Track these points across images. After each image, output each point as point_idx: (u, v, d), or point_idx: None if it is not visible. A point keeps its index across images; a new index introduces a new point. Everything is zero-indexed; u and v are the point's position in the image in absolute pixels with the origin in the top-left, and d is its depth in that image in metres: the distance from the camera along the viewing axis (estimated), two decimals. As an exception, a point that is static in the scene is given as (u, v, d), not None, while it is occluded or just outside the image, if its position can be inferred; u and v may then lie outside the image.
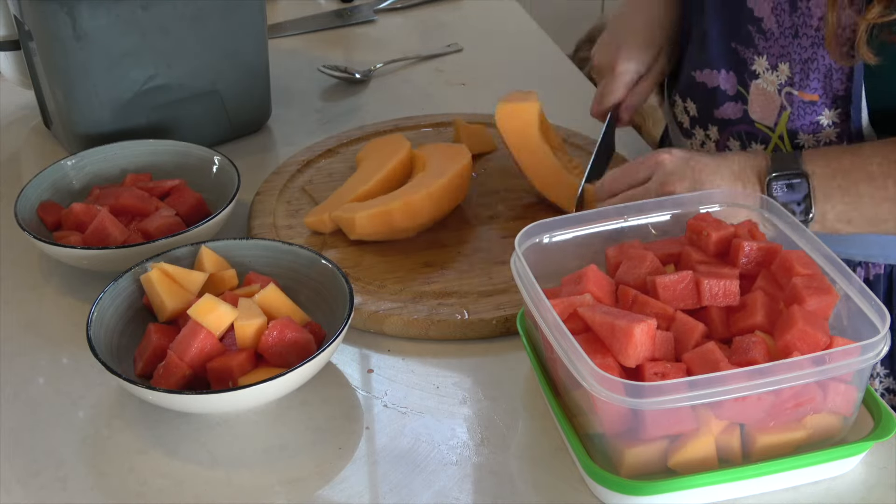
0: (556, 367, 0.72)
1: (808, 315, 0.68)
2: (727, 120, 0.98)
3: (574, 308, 0.71)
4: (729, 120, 0.98)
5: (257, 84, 1.16)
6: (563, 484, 0.72)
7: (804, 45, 0.88)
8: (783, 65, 0.90)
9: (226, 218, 0.95)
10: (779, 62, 0.91)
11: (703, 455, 0.67)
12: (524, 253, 0.77)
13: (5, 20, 1.15)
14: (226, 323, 0.77)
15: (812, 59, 0.88)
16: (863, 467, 0.72)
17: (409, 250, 0.96)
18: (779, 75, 0.91)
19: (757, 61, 0.93)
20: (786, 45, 0.90)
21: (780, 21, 0.89)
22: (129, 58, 1.04)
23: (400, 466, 0.74)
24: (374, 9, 1.53)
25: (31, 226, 0.93)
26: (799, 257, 0.73)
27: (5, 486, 0.73)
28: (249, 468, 0.74)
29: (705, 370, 0.65)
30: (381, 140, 1.08)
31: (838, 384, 0.68)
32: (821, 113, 0.90)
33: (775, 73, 0.91)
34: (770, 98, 0.93)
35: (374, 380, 0.83)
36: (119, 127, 1.07)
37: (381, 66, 1.35)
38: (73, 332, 0.87)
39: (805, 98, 0.90)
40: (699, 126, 1.02)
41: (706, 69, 0.99)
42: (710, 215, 0.80)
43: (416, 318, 0.86)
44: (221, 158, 1.02)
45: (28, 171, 1.13)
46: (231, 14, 1.09)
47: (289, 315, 0.79)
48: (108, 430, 0.78)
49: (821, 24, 0.87)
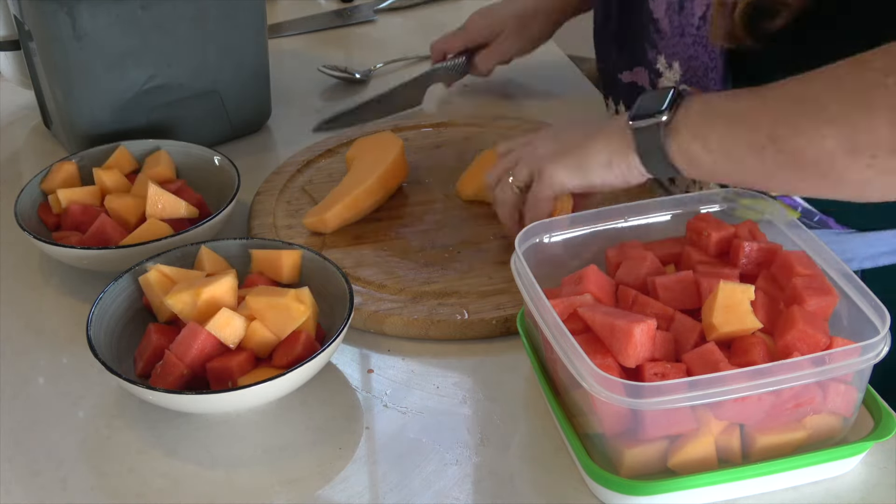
0: (556, 367, 0.72)
1: (808, 315, 0.68)
2: None
3: (574, 308, 0.71)
4: None
5: (257, 84, 1.16)
6: (563, 484, 0.72)
7: (687, 44, 0.90)
8: (675, 63, 0.92)
9: (226, 218, 0.95)
10: (672, 60, 0.93)
11: (703, 455, 0.67)
12: (524, 253, 0.77)
13: (5, 20, 1.15)
14: (241, 335, 0.77)
15: (694, 57, 0.90)
16: (863, 467, 0.72)
17: (409, 250, 0.96)
18: (674, 73, 0.93)
19: (659, 60, 0.95)
20: (675, 44, 0.92)
21: (671, 21, 0.91)
22: (129, 58, 1.04)
23: (400, 466, 0.74)
24: (374, 9, 1.53)
25: (31, 226, 0.93)
26: (799, 257, 0.73)
27: (5, 486, 0.73)
28: (249, 468, 0.74)
29: (705, 370, 0.65)
30: (371, 138, 1.08)
31: (838, 385, 0.68)
32: None
33: (671, 70, 0.93)
34: None
35: (374, 380, 0.83)
36: (119, 127, 1.07)
37: (381, 66, 1.35)
38: (73, 332, 0.87)
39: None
40: None
41: (634, 68, 1.01)
42: (710, 215, 0.80)
43: (416, 318, 0.86)
44: (221, 158, 1.02)
45: (28, 171, 1.13)
46: (231, 14, 1.09)
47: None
48: (108, 430, 0.78)
49: (700, 23, 0.88)
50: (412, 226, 1.00)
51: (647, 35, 0.96)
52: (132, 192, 0.97)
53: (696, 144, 0.76)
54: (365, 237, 0.98)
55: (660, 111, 0.78)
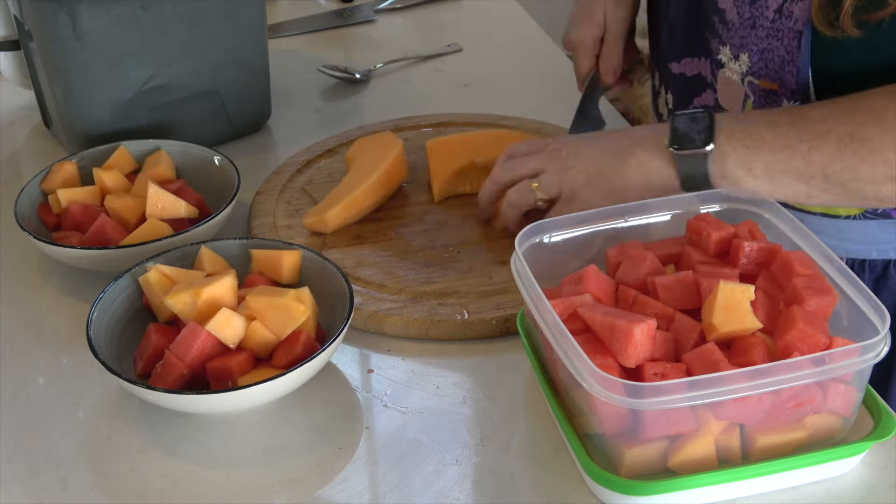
0: (556, 367, 0.72)
1: (808, 315, 0.68)
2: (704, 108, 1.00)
3: (574, 308, 0.71)
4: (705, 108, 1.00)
5: (257, 84, 1.16)
6: (563, 484, 0.72)
7: (760, 36, 0.90)
8: (744, 55, 0.92)
9: (226, 218, 0.95)
10: (740, 52, 0.93)
11: (703, 455, 0.67)
12: (524, 253, 0.77)
13: (5, 20, 1.15)
14: (241, 335, 0.77)
15: (768, 50, 0.90)
16: (863, 467, 0.72)
17: (409, 250, 0.96)
18: (741, 65, 0.93)
19: (722, 51, 0.95)
20: (745, 36, 0.92)
21: (740, 12, 0.91)
22: (129, 58, 1.04)
23: (400, 466, 0.74)
24: (374, 9, 1.53)
25: (31, 226, 0.93)
26: (799, 257, 0.73)
27: (5, 486, 0.73)
28: (249, 468, 0.74)
29: (705, 370, 0.65)
30: (371, 138, 1.08)
31: (838, 385, 0.68)
32: (780, 103, 0.92)
33: (737, 62, 0.93)
34: (735, 87, 0.95)
35: (374, 380, 0.83)
36: (119, 127, 1.07)
37: (381, 66, 1.35)
38: (73, 332, 0.87)
39: (765, 86, 0.92)
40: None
41: (685, 58, 1.01)
42: (710, 215, 0.80)
43: (416, 318, 0.86)
44: (221, 158, 1.02)
45: (28, 171, 1.13)
46: (231, 14, 1.09)
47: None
48: (108, 430, 0.78)
49: (775, 17, 0.88)
50: (412, 226, 1.00)
51: (709, 25, 0.95)
52: (132, 192, 0.97)
53: (741, 171, 0.82)
54: (365, 237, 0.98)
55: (703, 140, 0.82)
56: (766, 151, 0.81)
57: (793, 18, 0.87)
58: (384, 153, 1.03)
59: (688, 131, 0.82)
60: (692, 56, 0.99)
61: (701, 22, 0.97)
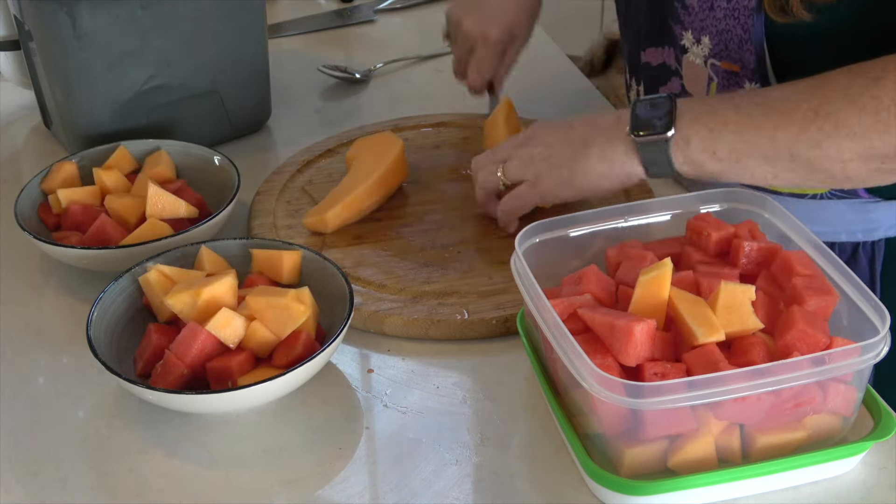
0: (556, 367, 0.72)
1: (808, 315, 0.68)
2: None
3: (574, 308, 0.71)
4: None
5: (257, 84, 1.16)
6: (563, 484, 0.72)
7: (718, 17, 0.91)
8: (704, 38, 0.93)
9: (226, 218, 0.95)
10: (701, 35, 0.93)
11: (703, 455, 0.67)
12: (524, 253, 0.77)
13: (5, 20, 1.15)
14: (241, 335, 0.77)
15: (726, 31, 0.91)
16: (863, 467, 0.72)
17: (409, 250, 0.96)
18: (702, 48, 0.93)
19: (685, 35, 0.95)
20: (704, 19, 0.92)
21: None
22: (129, 58, 1.04)
23: (400, 466, 0.74)
24: (374, 9, 1.53)
25: (31, 226, 0.93)
26: (799, 257, 0.73)
27: (5, 486, 0.73)
28: (249, 468, 0.74)
29: (705, 370, 0.65)
30: (371, 138, 1.08)
31: (838, 384, 0.68)
32: (742, 84, 0.92)
33: (699, 45, 0.94)
34: (699, 71, 0.96)
35: (374, 380, 0.83)
36: (119, 127, 1.07)
37: (381, 66, 1.35)
38: (73, 332, 0.87)
39: (727, 68, 0.93)
40: None
41: (650, 48, 1.02)
42: (710, 215, 0.80)
43: (416, 318, 0.86)
44: (221, 158, 1.02)
45: (28, 171, 1.13)
46: (231, 14, 1.09)
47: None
48: (108, 430, 0.78)
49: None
50: (412, 226, 1.00)
51: (671, 11, 0.96)
52: (132, 192, 0.97)
53: (705, 155, 0.80)
54: (365, 237, 0.98)
55: (664, 125, 0.81)
56: (731, 133, 0.79)
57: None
58: (384, 153, 1.03)
59: (649, 117, 0.82)
60: (657, 45, 1.01)
61: (663, 10, 0.97)
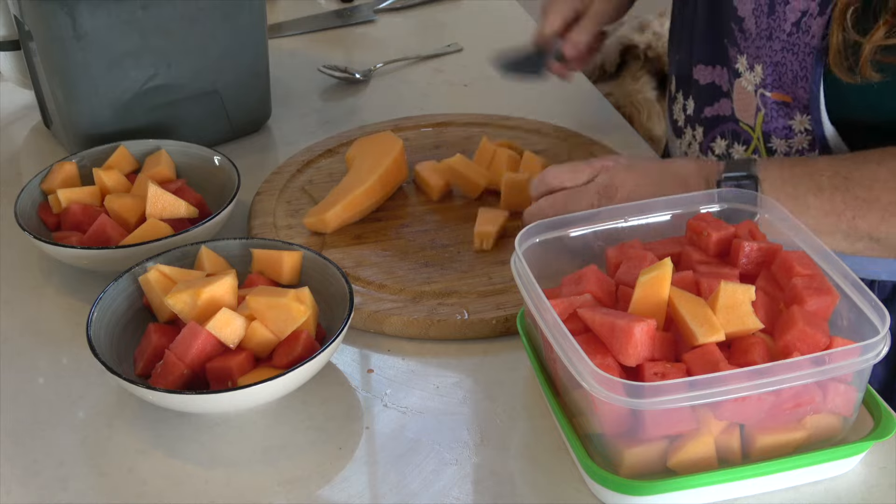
0: (556, 367, 0.72)
1: (808, 315, 0.68)
2: (716, 117, 0.99)
3: (574, 308, 0.71)
4: (718, 117, 0.99)
5: (257, 84, 1.16)
6: (563, 484, 0.72)
7: (775, 49, 0.90)
8: (758, 66, 0.92)
9: (226, 218, 0.95)
10: (755, 63, 0.92)
11: (703, 455, 0.67)
12: (524, 253, 0.77)
13: (5, 20, 1.15)
14: (241, 335, 0.77)
15: (781, 63, 0.90)
16: (863, 467, 0.72)
17: (409, 250, 0.96)
18: (755, 76, 0.93)
19: (739, 60, 0.94)
20: (761, 47, 0.91)
21: (758, 22, 0.91)
22: (129, 58, 1.04)
23: (400, 466, 0.74)
24: (374, 9, 1.53)
25: (31, 226, 0.93)
26: (799, 257, 0.73)
27: (5, 486, 0.73)
28: (249, 468, 0.74)
29: (705, 370, 0.65)
30: (371, 138, 1.08)
31: (838, 385, 0.68)
32: (793, 117, 0.91)
33: (752, 72, 0.93)
34: (748, 97, 0.95)
35: (374, 380, 0.83)
36: (119, 127, 1.07)
37: (381, 66, 1.35)
38: (73, 332, 0.87)
39: (776, 98, 0.91)
40: (690, 126, 1.03)
41: (700, 65, 1.00)
42: (710, 215, 0.80)
43: (416, 318, 0.86)
44: (221, 158, 1.02)
45: (28, 171, 1.13)
46: (231, 14, 1.09)
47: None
48: (108, 430, 0.78)
49: (793, 30, 0.88)
50: (412, 226, 1.00)
51: (728, 32, 0.95)
52: (132, 192, 0.97)
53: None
54: (365, 237, 0.98)
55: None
56: (812, 217, 0.82)
57: (810, 34, 0.86)
58: (384, 153, 1.03)
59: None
60: (709, 64, 0.99)
61: (720, 29, 0.96)
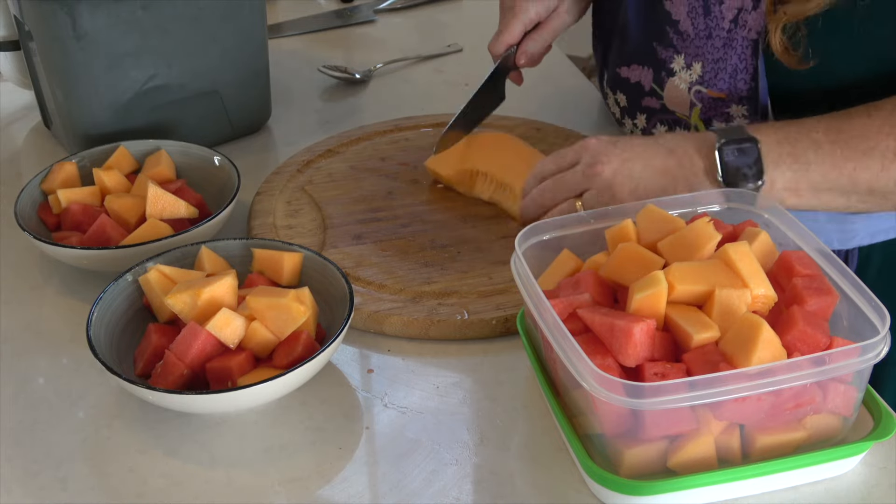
0: (556, 367, 0.72)
1: (808, 315, 0.68)
2: (653, 109, 1.02)
3: (574, 308, 0.71)
4: (654, 109, 1.02)
5: (257, 84, 1.16)
6: (563, 484, 0.72)
7: (716, 46, 0.93)
8: (696, 64, 0.95)
9: (226, 218, 0.95)
10: (693, 61, 0.95)
11: (703, 455, 0.67)
12: (524, 253, 0.77)
13: (5, 20, 1.15)
14: (241, 335, 0.77)
15: (722, 59, 0.93)
16: (863, 467, 0.72)
17: (409, 250, 0.96)
18: (691, 74, 0.95)
19: (676, 59, 0.97)
20: (700, 46, 0.94)
21: (695, 24, 0.94)
22: (129, 58, 1.04)
23: (400, 466, 0.74)
24: (374, 9, 1.53)
25: (31, 226, 0.93)
26: (799, 257, 0.73)
27: (5, 486, 0.73)
28: (249, 468, 0.74)
29: (705, 370, 0.65)
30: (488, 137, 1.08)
31: (838, 385, 0.68)
32: (728, 107, 0.95)
33: (689, 71, 0.96)
34: (681, 94, 0.97)
35: (374, 380, 0.83)
36: (119, 127, 1.07)
37: (381, 67, 1.35)
38: (73, 332, 0.87)
39: (713, 95, 0.95)
40: (628, 116, 1.07)
41: (627, 65, 1.03)
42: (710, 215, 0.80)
43: (416, 318, 0.86)
44: (221, 158, 1.02)
45: (28, 171, 1.13)
46: (231, 14, 1.09)
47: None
48: (108, 430, 0.78)
49: (731, 27, 0.91)
50: (412, 226, 1.00)
51: (661, 35, 0.97)
52: (132, 192, 0.97)
53: (787, 193, 0.84)
54: (365, 237, 0.98)
55: (755, 174, 0.83)
56: (813, 173, 0.83)
57: (747, 28, 0.90)
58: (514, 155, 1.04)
59: (738, 165, 0.83)
60: (638, 64, 1.02)
61: (652, 33, 0.98)
